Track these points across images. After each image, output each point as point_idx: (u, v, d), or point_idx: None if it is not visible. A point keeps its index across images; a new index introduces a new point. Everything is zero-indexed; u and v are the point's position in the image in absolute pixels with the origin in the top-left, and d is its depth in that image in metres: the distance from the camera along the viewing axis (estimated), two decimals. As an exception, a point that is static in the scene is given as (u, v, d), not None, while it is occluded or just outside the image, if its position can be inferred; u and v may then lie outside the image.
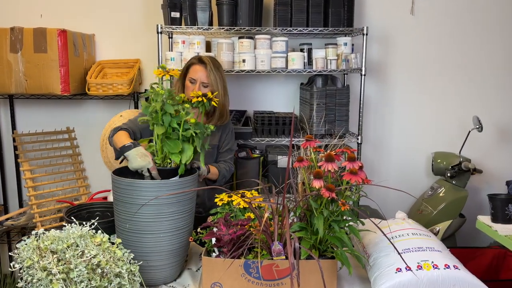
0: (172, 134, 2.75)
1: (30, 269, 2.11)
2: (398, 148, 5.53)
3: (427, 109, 5.47)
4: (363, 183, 2.35)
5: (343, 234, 2.39)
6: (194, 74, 3.73)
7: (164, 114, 2.71)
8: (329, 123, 4.74)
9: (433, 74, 5.43)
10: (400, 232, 2.70)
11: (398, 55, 5.39)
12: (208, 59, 3.79)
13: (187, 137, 2.77)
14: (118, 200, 2.58)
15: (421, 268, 2.39)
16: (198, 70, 3.75)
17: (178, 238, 2.63)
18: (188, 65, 3.81)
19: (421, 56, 5.40)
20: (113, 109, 5.23)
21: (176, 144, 2.73)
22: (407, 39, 5.37)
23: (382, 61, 5.39)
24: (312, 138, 2.55)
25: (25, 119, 5.34)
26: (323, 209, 2.33)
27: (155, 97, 2.72)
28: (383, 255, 2.56)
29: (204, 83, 3.72)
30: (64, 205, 4.91)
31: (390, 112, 5.47)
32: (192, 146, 2.77)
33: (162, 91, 2.70)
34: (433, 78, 5.43)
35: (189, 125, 2.76)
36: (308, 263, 2.43)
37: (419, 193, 5.32)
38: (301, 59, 4.70)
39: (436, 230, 4.81)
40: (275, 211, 2.47)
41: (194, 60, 3.81)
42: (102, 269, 2.15)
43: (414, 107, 5.47)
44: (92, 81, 4.77)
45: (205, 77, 3.72)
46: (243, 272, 2.45)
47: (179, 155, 2.73)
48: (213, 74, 3.73)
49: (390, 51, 5.39)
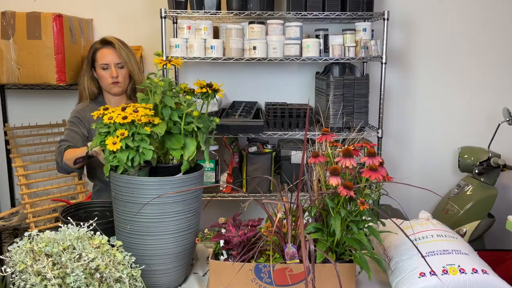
0: (174, 128, 2.73)
1: (23, 273, 2.12)
2: (421, 143, 5.53)
3: (453, 100, 5.46)
4: (383, 181, 2.34)
5: (362, 236, 2.38)
6: (103, 59, 3.81)
7: (163, 108, 2.69)
8: (347, 115, 4.73)
9: (460, 63, 5.41)
10: (424, 234, 2.70)
11: (422, 42, 5.38)
12: (113, 38, 3.88)
13: (190, 132, 2.75)
14: (118, 199, 2.58)
15: (446, 273, 2.39)
16: (107, 53, 3.83)
17: (183, 240, 2.63)
18: (92, 53, 3.88)
19: (447, 43, 5.38)
20: (112, 100, 5.24)
21: (178, 139, 2.71)
22: (432, 24, 5.36)
23: (404, 48, 5.38)
24: (329, 131, 2.55)
25: (18, 111, 5.35)
26: (341, 209, 2.33)
27: (154, 89, 2.70)
28: (405, 258, 2.56)
29: (118, 63, 3.81)
30: (60, 204, 4.92)
31: (413, 104, 5.46)
32: (196, 141, 2.75)
33: (162, 83, 2.69)
34: (460, 67, 5.41)
35: (192, 118, 2.74)
36: (324, 267, 2.43)
37: (444, 191, 5.31)
38: (317, 46, 4.69)
39: (463, 231, 4.80)
40: (289, 210, 2.47)
41: (97, 45, 3.89)
42: (101, 273, 2.15)
43: (439, 98, 5.46)
44: (90, 70, 4.78)
45: (117, 57, 3.81)
46: (254, 277, 2.45)
47: (181, 151, 2.70)
48: (124, 51, 3.82)
49: (413, 37, 5.37)
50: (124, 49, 3.83)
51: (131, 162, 2.53)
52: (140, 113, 2.53)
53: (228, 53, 4.69)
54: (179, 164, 2.73)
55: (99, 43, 3.87)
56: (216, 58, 4.64)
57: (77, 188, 5.22)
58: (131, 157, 2.52)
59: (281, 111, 4.82)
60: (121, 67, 3.79)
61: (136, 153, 2.53)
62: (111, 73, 3.78)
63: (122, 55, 3.78)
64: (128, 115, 2.51)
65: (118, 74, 3.84)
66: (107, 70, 3.78)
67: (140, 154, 2.53)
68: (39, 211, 4.88)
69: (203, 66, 5.36)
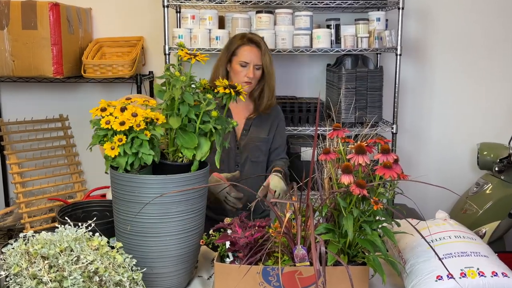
0: (188, 126, 2.70)
1: (18, 277, 2.12)
2: (438, 139, 5.52)
3: (472, 94, 5.45)
4: (398, 179, 2.34)
5: (376, 237, 2.38)
6: (245, 57, 3.78)
7: (181, 103, 2.67)
8: (359, 109, 4.73)
9: (479, 54, 5.40)
10: (441, 235, 2.70)
11: (439, 32, 5.37)
12: (260, 39, 3.85)
13: (205, 131, 2.73)
14: (118, 198, 2.58)
15: (465, 276, 2.39)
16: (250, 52, 3.80)
17: (187, 241, 2.63)
18: (235, 47, 3.84)
19: (465, 33, 5.36)
20: (112, 94, 5.24)
21: (192, 137, 2.68)
22: (450, 13, 5.34)
23: (420, 39, 5.37)
24: (340, 127, 2.54)
25: (12, 105, 5.36)
26: (353, 209, 2.33)
27: (174, 82, 2.68)
28: (421, 261, 2.55)
29: (257, 65, 3.78)
30: (57, 203, 4.94)
31: (429, 97, 5.46)
32: (210, 141, 2.72)
33: (183, 78, 2.67)
34: (479, 58, 5.40)
35: (209, 118, 2.71)
36: (336, 270, 2.43)
37: (462, 190, 5.30)
38: (328, 37, 4.69)
39: (482, 232, 4.79)
40: (298, 210, 2.47)
41: (241, 40, 3.84)
42: (100, 277, 2.15)
43: (457, 91, 5.44)
44: (88, 62, 4.78)
45: (259, 59, 3.79)
46: (261, 280, 2.45)
47: (194, 151, 2.67)
48: (268, 55, 3.80)
49: (430, 27, 5.36)
50: (268, 54, 3.85)
51: (130, 166, 2.53)
52: (139, 118, 2.51)
53: (234, 44, 4.67)
54: (189, 163, 2.70)
55: (244, 39, 3.85)
56: (222, 49, 4.64)
57: (75, 186, 5.23)
58: (131, 161, 2.51)
59: (290, 106, 4.83)
60: (258, 68, 3.79)
61: (136, 157, 2.52)
62: (247, 73, 3.77)
63: (265, 60, 3.79)
64: (126, 120, 2.49)
65: (254, 76, 3.83)
66: (244, 68, 3.76)
67: (139, 158, 2.53)
68: (35, 211, 4.89)
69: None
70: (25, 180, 5.01)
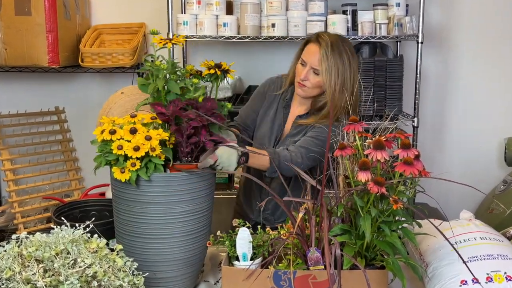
0: None
1: (10, 281, 2.13)
2: (463, 133, 5.51)
3: (499, 85, 5.43)
4: (420, 176, 2.34)
5: (396, 239, 2.38)
6: (306, 55, 3.49)
7: (167, 94, 2.67)
8: (378, 101, 4.73)
9: (508, 43, 5.38)
10: (466, 236, 2.70)
11: (464, 18, 5.35)
12: (327, 37, 3.46)
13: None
14: (119, 197, 2.59)
15: (491, 280, 2.39)
16: (312, 52, 3.47)
17: (192, 243, 2.63)
18: (306, 41, 3.59)
19: (493, 19, 5.35)
20: (112, 85, 5.23)
21: None
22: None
23: (443, 26, 5.36)
24: (357, 120, 2.54)
25: (4, 97, 5.37)
26: (371, 208, 2.33)
27: (155, 72, 2.67)
28: (444, 264, 2.56)
29: (316, 69, 3.44)
30: (52, 202, 4.95)
31: (453, 89, 5.44)
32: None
33: (164, 65, 2.66)
34: (507, 47, 5.38)
35: None
36: (352, 274, 2.43)
37: (489, 188, 5.29)
38: (344, 23, 4.68)
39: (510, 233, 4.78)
40: (312, 210, 2.47)
41: (313, 35, 3.56)
42: (98, 281, 2.16)
43: (484, 82, 5.43)
44: (86, 50, 4.79)
45: (317, 62, 3.42)
46: (273, 285, 2.46)
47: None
48: (327, 60, 3.40)
49: (454, 13, 5.35)
50: (330, 58, 3.41)
51: None
52: (154, 142, 2.49)
53: (243, 31, 4.69)
54: None
55: (315, 35, 3.55)
56: (230, 37, 4.65)
57: (72, 184, 5.24)
58: None
59: (303, 97, 4.83)
60: (317, 73, 3.45)
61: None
62: (302, 73, 3.49)
63: (323, 64, 3.40)
64: (141, 145, 2.46)
65: (307, 79, 3.49)
66: (303, 67, 3.49)
67: None
68: (29, 211, 4.90)
69: (215, 46, 5.34)
70: (18, 178, 5.01)
